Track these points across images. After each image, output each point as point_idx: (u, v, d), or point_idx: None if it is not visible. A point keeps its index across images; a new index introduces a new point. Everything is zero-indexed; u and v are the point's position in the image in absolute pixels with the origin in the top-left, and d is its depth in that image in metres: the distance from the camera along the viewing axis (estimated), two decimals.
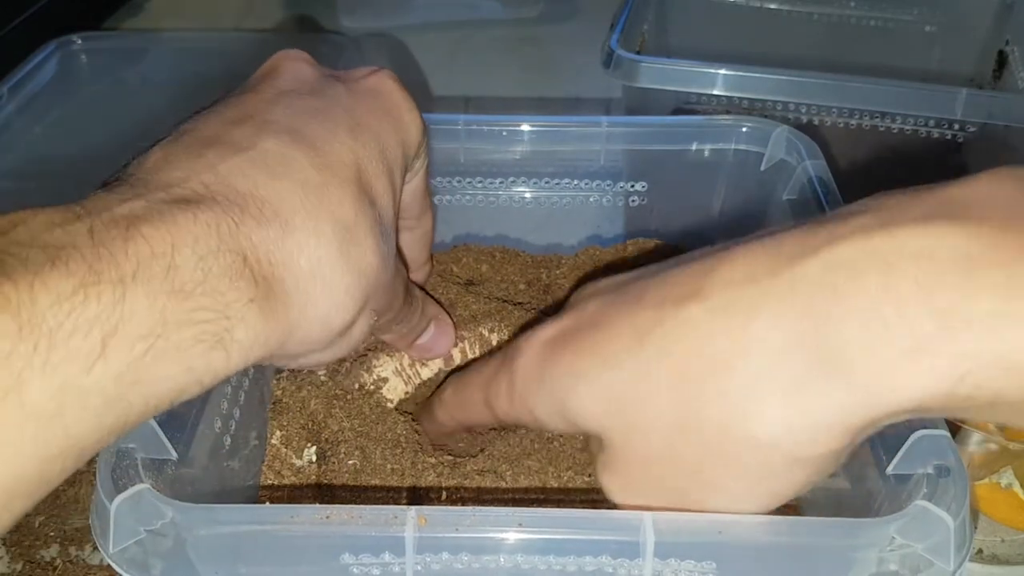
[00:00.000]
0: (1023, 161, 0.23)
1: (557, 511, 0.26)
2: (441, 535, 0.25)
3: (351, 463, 0.35)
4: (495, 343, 0.41)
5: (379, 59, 0.82)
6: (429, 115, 0.34)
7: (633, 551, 0.25)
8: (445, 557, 0.25)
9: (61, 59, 0.68)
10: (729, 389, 0.24)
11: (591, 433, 0.27)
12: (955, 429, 0.39)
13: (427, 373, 0.41)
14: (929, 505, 0.25)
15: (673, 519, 0.25)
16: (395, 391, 0.40)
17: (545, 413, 0.28)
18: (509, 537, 0.25)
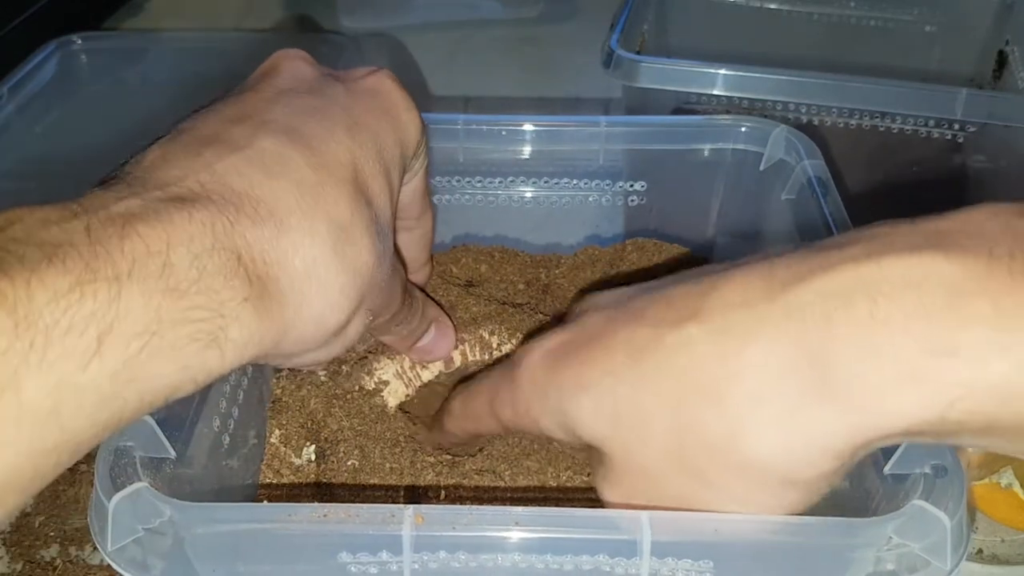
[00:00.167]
0: (1023, 161, 0.23)
1: (555, 510, 0.26)
2: (438, 534, 0.25)
3: (350, 462, 0.35)
4: (495, 345, 0.41)
5: (379, 59, 0.82)
6: (428, 115, 0.34)
7: (630, 550, 0.25)
8: (442, 556, 0.25)
9: (61, 59, 0.68)
10: (725, 411, 0.24)
11: (592, 445, 0.27)
12: None
13: (427, 375, 0.41)
14: (926, 505, 0.25)
15: (670, 518, 0.25)
16: (396, 393, 0.40)
17: (548, 423, 0.28)
18: (506, 536, 0.25)
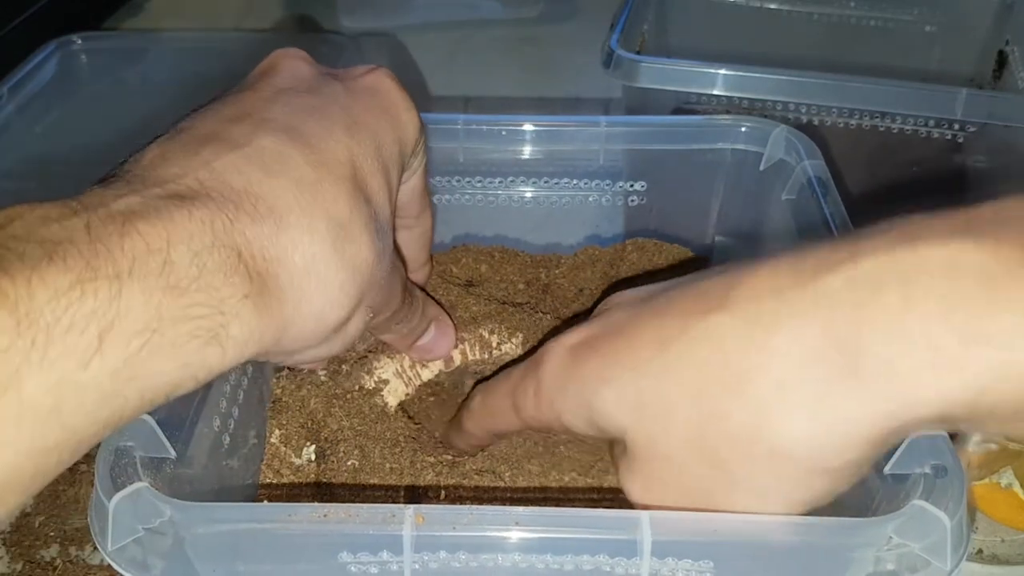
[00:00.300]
0: (1023, 161, 0.23)
1: (555, 510, 0.26)
2: (439, 534, 0.25)
3: (350, 462, 0.35)
4: (495, 345, 0.41)
5: (379, 59, 0.82)
6: (428, 115, 0.34)
7: (631, 550, 0.25)
8: (443, 556, 0.25)
9: (61, 59, 0.68)
10: (751, 400, 0.24)
11: (615, 437, 0.27)
12: None
13: (427, 375, 0.41)
14: (926, 505, 0.25)
15: (671, 518, 0.25)
16: (396, 393, 0.40)
17: (571, 417, 0.28)
18: (507, 536, 0.25)
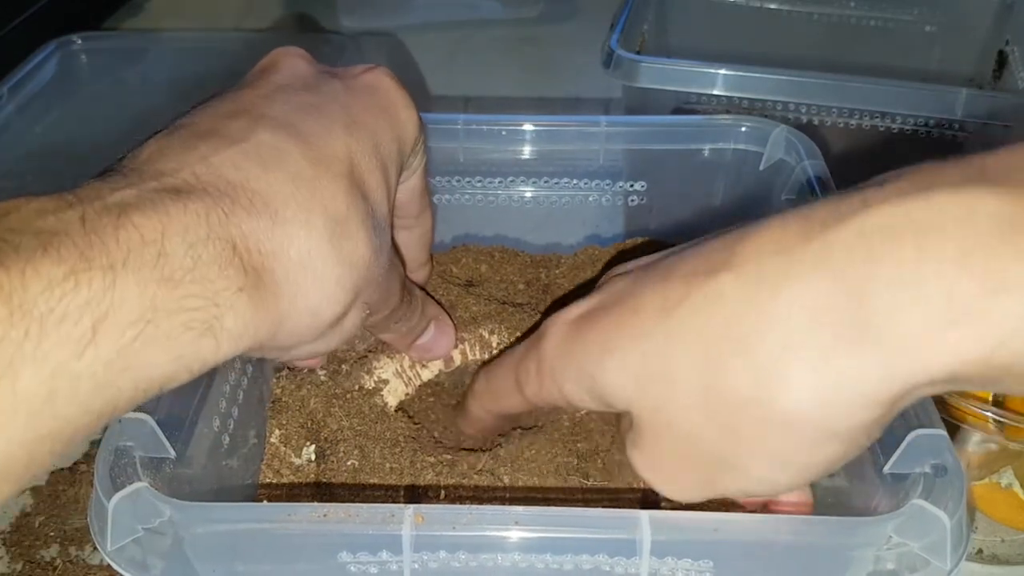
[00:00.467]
0: None
1: (554, 509, 0.26)
2: (438, 533, 0.25)
3: (350, 462, 0.35)
4: (495, 345, 0.41)
5: (379, 59, 0.81)
6: (428, 115, 0.34)
7: (630, 549, 0.25)
8: (442, 555, 0.25)
9: (61, 59, 0.68)
10: (757, 362, 0.23)
11: (620, 409, 0.27)
12: (954, 429, 0.39)
13: (427, 375, 0.41)
14: (926, 504, 0.25)
15: (670, 517, 0.25)
16: (395, 392, 0.40)
17: (574, 390, 0.28)
18: (506, 535, 0.25)
